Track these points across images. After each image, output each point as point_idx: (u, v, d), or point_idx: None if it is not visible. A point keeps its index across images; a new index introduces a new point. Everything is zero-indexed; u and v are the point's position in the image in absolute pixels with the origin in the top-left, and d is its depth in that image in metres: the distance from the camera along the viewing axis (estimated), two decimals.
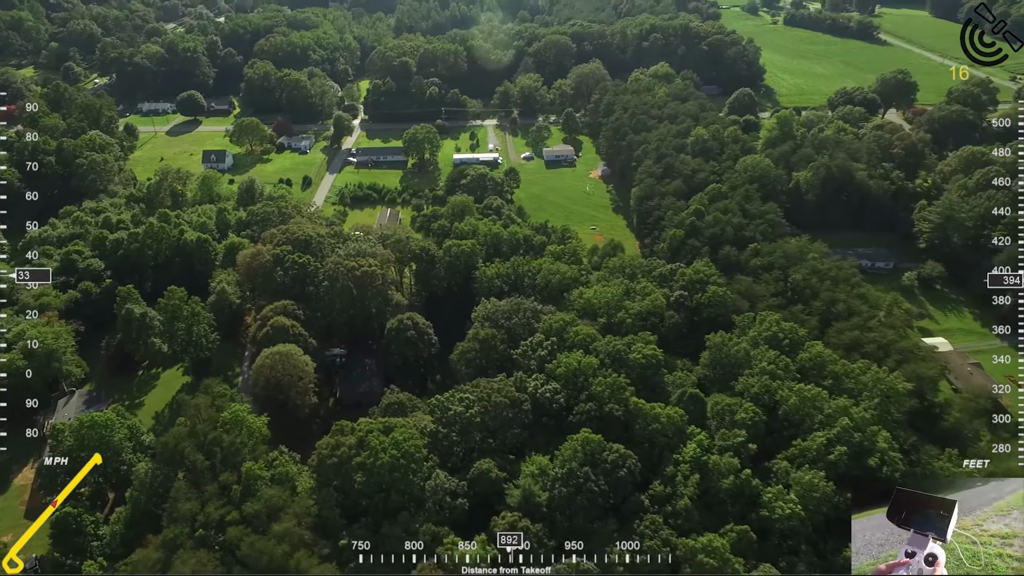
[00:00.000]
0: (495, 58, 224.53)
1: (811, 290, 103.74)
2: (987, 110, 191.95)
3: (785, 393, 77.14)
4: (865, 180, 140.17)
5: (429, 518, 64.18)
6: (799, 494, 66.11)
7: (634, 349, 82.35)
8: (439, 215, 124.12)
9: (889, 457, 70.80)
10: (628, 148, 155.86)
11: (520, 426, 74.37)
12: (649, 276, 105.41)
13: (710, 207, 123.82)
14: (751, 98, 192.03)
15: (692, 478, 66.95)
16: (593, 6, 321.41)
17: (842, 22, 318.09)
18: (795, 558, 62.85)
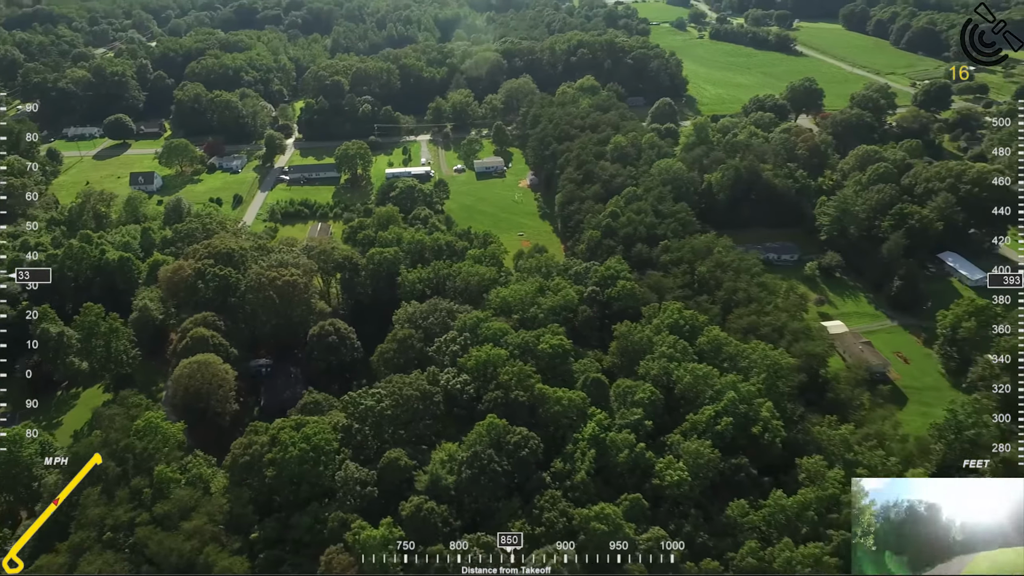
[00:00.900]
0: (428, 75, 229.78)
1: (715, 281, 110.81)
2: (886, 113, 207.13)
3: (680, 373, 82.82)
4: (771, 179, 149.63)
5: (340, 507, 66.73)
6: (687, 462, 71.34)
7: (542, 340, 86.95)
8: (365, 225, 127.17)
9: (772, 425, 76.95)
10: (552, 157, 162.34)
11: (432, 417, 77.82)
12: (564, 274, 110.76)
13: (625, 209, 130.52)
14: (671, 107, 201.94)
15: (589, 454, 71.46)
16: (527, 24, 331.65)
17: (762, 35, 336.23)
18: (683, 520, 67.72)
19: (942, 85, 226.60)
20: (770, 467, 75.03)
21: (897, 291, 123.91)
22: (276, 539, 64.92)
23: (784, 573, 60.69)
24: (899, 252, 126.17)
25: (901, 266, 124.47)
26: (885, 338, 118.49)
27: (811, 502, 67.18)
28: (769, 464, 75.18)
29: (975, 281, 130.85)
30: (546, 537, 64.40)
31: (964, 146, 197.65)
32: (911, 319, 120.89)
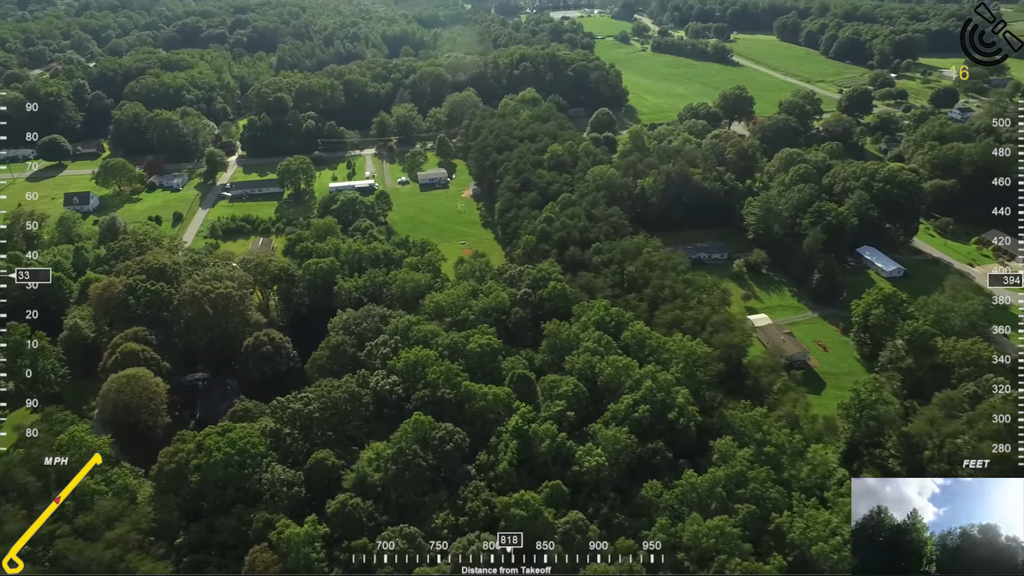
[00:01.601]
0: (373, 90, 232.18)
1: (643, 279, 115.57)
2: (813, 118, 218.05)
3: (603, 366, 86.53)
4: (701, 182, 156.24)
5: (266, 508, 67.84)
6: (605, 449, 74.74)
7: (472, 341, 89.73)
8: (304, 238, 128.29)
9: (688, 411, 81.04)
10: (493, 167, 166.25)
11: (360, 418, 79.61)
12: (499, 278, 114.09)
13: (560, 214, 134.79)
14: (610, 116, 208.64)
15: (512, 445, 74.26)
16: (474, 40, 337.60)
17: (701, 47, 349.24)
18: (601, 503, 70.92)
19: (864, 91, 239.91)
20: (686, 450, 78.91)
21: (817, 284, 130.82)
22: (201, 543, 65.63)
23: (692, 545, 64.26)
24: (818, 247, 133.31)
25: (820, 260, 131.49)
26: (807, 328, 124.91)
27: (720, 479, 71.18)
28: (685, 447, 79.09)
29: (889, 272, 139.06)
30: (469, 526, 66.68)
31: (884, 147, 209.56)
32: (830, 310, 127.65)
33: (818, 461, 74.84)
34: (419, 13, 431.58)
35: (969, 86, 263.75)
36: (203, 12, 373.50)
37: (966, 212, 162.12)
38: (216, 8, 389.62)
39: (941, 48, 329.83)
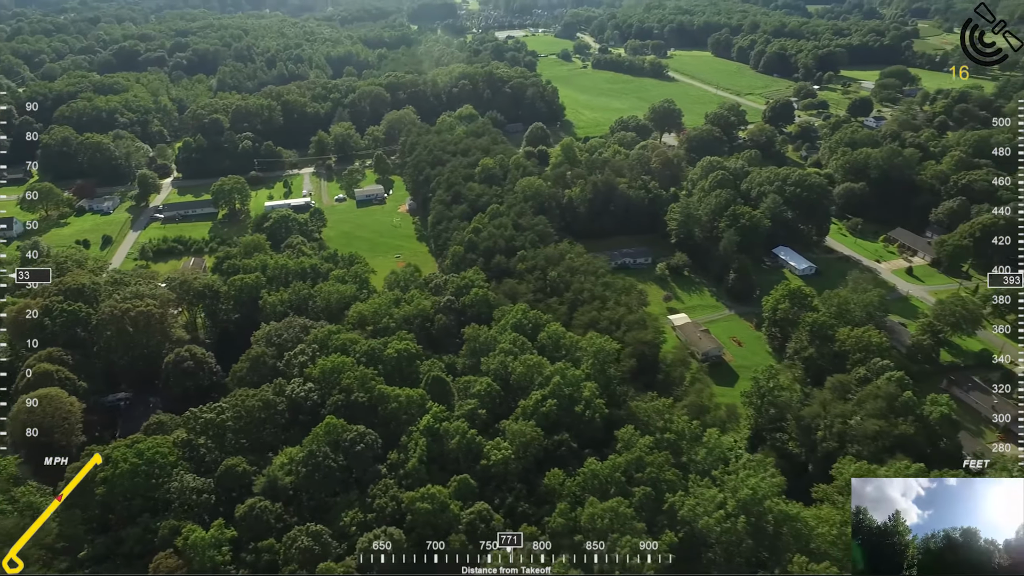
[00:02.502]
0: (312, 110, 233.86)
1: (564, 284, 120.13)
2: (737, 129, 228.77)
3: (515, 365, 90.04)
4: (626, 191, 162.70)
5: (175, 516, 68.66)
6: (512, 442, 77.96)
7: (389, 346, 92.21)
8: (231, 255, 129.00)
9: (594, 404, 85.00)
10: (426, 182, 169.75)
11: (275, 425, 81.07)
12: (424, 287, 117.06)
13: (488, 224, 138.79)
14: (544, 131, 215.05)
15: (421, 443, 76.78)
16: (416, 59, 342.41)
17: (638, 64, 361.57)
18: (508, 494, 73.95)
19: (786, 102, 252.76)
20: (593, 440, 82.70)
21: (733, 283, 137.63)
22: (106, 554, 66.01)
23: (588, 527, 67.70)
24: (733, 249, 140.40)
25: (735, 261, 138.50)
26: (724, 325, 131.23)
27: (620, 465, 75.05)
28: (592, 438, 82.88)
29: (802, 270, 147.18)
30: (376, 521, 68.79)
31: (804, 154, 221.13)
32: (745, 307, 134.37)
33: (713, 444, 79.43)
34: (364, 34, 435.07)
35: (883, 96, 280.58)
36: (142, 36, 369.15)
37: (875, 212, 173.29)
38: (156, 32, 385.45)
39: (860, 61, 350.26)
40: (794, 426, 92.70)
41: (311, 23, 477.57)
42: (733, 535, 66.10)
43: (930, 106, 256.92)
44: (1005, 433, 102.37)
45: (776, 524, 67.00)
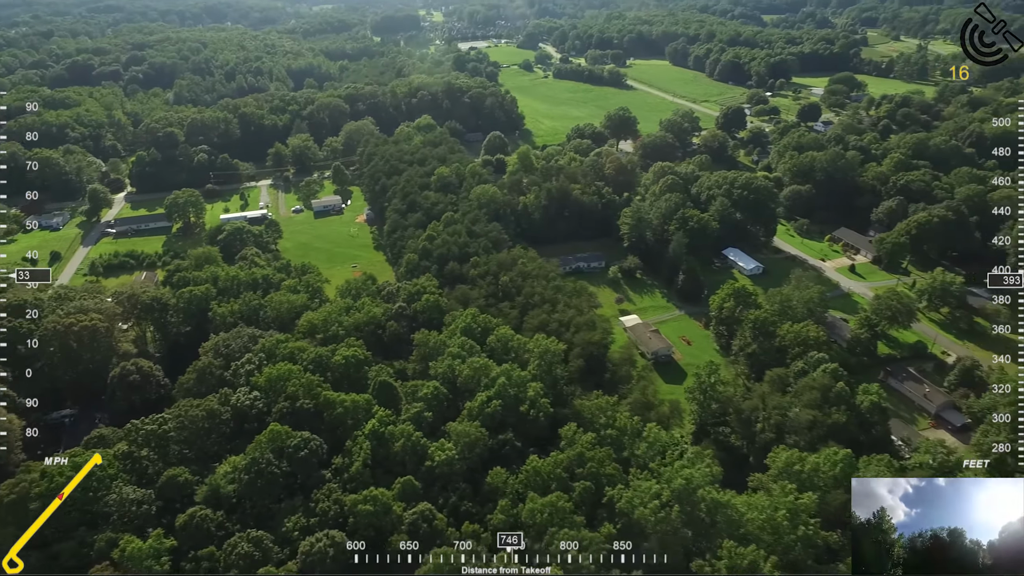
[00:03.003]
0: (270, 122, 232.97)
1: (516, 288, 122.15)
2: (691, 135, 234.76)
3: (461, 368, 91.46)
4: (580, 197, 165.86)
5: (113, 528, 68.24)
6: (456, 443, 79.23)
7: (337, 353, 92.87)
8: (182, 268, 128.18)
9: (539, 403, 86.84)
10: (383, 191, 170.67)
11: (220, 435, 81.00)
12: (377, 295, 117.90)
13: (442, 232, 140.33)
14: (502, 140, 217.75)
15: (365, 446, 77.62)
16: (378, 71, 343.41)
17: (598, 73, 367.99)
18: (452, 494, 75.13)
19: (738, 109, 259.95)
20: (538, 439, 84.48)
21: (682, 284, 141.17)
22: (41, 569, 65.26)
23: (528, 522, 69.21)
24: (682, 251, 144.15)
25: (684, 262, 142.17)
26: (674, 325, 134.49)
27: (561, 462, 76.89)
28: (537, 436, 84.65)
29: (750, 270, 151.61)
30: (319, 525, 69.32)
31: (756, 159, 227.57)
32: (695, 307, 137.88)
33: (653, 439, 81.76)
34: (326, 47, 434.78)
35: (831, 101, 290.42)
36: (96, 50, 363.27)
37: (821, 213, 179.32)
38: (112, 45, 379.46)
39: (811, 68, 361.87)
40: (735, 419, 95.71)
41: (272, 36, 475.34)
42: (668, 524, 68.27)
43: (875, 111, 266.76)
44: (936, 420, 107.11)
45: (708, 512, 69.39)
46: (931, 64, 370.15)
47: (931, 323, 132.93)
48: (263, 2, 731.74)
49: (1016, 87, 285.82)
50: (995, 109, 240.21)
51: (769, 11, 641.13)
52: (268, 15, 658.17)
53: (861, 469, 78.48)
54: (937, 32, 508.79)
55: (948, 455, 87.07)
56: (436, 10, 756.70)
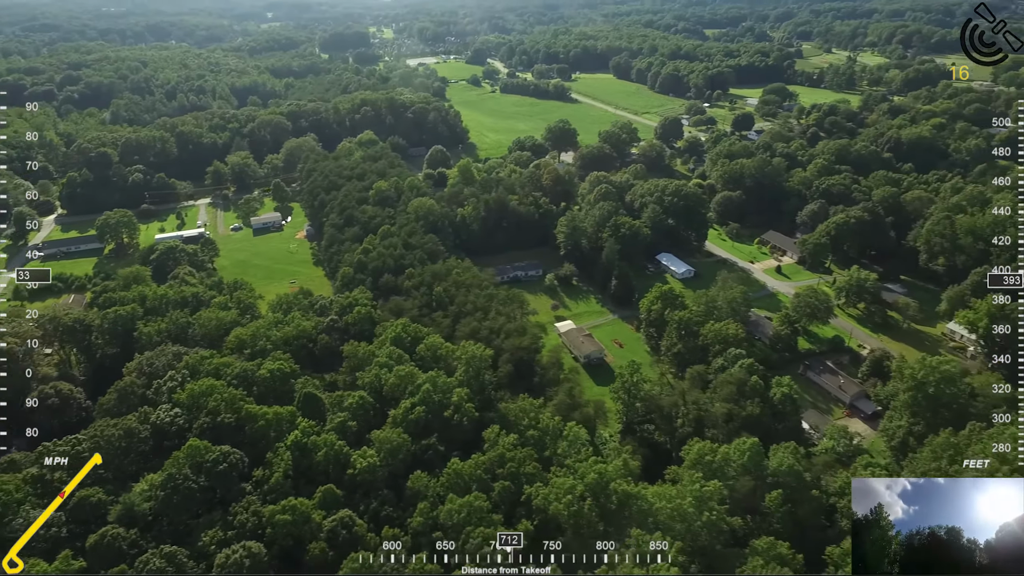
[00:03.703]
0: (209, 140, 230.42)
1: (450, 298, 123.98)
2: (629, 146, 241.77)
3: (387, 376, 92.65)
4: (517, 208, 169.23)
5: (22, 552, 66.85)
6: (379, 450, 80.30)
7: (263, 367, 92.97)
8: (108, 288, 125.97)
9: (464, 408, 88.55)
10: (322, 206, 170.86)
11: (137, 453, 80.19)
12: (310, 309, 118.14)
13: (378, 245, 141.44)
14: (444, 153, 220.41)
15: (285, 457, 78.02)
16: (323, 88, 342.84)
17: (543, 87, 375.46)
18: (373, 500, 76.06)
19: (675, 119, 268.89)
20: (464, 442, 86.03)
21: (615, 289, 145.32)
22: None
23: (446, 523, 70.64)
24: (614, 257, 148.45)
25: (616, 268, 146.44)
26: (607, 329, 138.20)
27: (482, 464, 78.64)
28: (463, 440, 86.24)
29: (681, 274, 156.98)
30: (236, 537, 69.35)
31: (692, 167, 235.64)
32: (628, 311, 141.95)
33: (573, 437, 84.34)
34: (272, 64, 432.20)
35: (765, 111, 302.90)
36: (29, 69, 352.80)
37: (751, 217, 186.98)
38: (46, 65, 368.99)
39: (748, 80, 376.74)
40: (658, 416, 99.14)
41: (217, 54, 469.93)
42: (581, 517, 70.63)
43: (805, 119, 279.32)
44: (851, 409, 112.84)
45: (620, 503, 72.04)
46: (858, 75, 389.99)
47: (849, 318, 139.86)
48: (209, 20, 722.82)
49: (932, 95, 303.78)
50: (912, 117, 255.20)
51: (711, 26, 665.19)
52: (214, 33, 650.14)
53: (770, 456, 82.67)
54: (865, 44, 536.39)
55: (851, 440, 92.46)
56: (387, 27, 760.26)
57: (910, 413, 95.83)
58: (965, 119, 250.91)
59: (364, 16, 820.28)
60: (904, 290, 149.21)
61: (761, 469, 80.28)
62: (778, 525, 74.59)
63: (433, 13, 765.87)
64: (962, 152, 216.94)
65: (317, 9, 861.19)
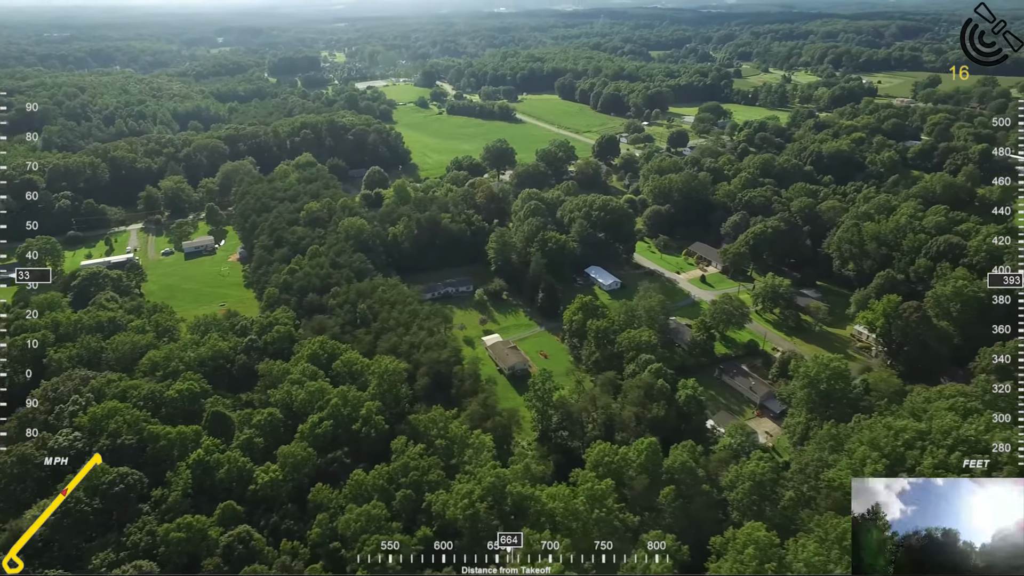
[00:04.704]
0: (143, 165, 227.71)
1: (373, 315, 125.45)
2: (566, 164, 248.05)
3: (297, 392, 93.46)
4: (449, 226, 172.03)
5: None
6: (283, 464, 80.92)
7: (171, 388, 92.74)
8: (20, 316, 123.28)
9: (373, 420, 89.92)
10: (253, 228, 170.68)
11: (33, 479, 79.00)
12: (230, 330, 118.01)
13: (305, 265, 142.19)
14: (382, 174, 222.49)
15: (185, 475, 78.01)
16: (267, 112, 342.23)
17: (489, 108, 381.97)
18: (274, 514, 76.54)
19: (611, 137, 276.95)
20: (372, 454, 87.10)
21: (542, 302, 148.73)
22: None
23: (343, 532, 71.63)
24: (541, 270, 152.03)
25: (543, 282, 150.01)
26: (534, 341, 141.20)
27: (384, 474, 79.95)
28: (371, 451, 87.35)
29: (608, 286, 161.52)
30: (128, 558, 68.98)
31: (628, 183, 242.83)
32: (554, 323, 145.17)
33: (477, 445, 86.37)
34: (218, 88, 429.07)
35: (700, 128, 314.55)
36: None
37: (680, 230, 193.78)
38: None
39: (688, 99, 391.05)
40: (568, 422, 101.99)
41: (161, 79, 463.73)
42: (477, 520, 72.49)
43: (737, 135, 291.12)
44: (761, 409, 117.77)
45: (515, 505, 74.21)
46: (790, 93, 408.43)
47: (765, 323, 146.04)
48: (157, 46, 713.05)
49: (855, 111, 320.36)
50: (835, 132, 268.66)
51: (657, 47, 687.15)
52: (161, 59, 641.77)
53: (670, 455, 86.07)
54: (800, 64, 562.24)
55: (747, 436, 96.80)
56: (339, 51, 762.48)
57: (807, 409, 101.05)
58: (883, 133, 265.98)
59: (317, 40, 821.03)
60: (818, 295, 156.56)
61: (658, 467, 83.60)
62: (670, 520, 77.77)
63: (386, 37, 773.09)
64: (877, 164, 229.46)
65: (269, 34, 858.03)
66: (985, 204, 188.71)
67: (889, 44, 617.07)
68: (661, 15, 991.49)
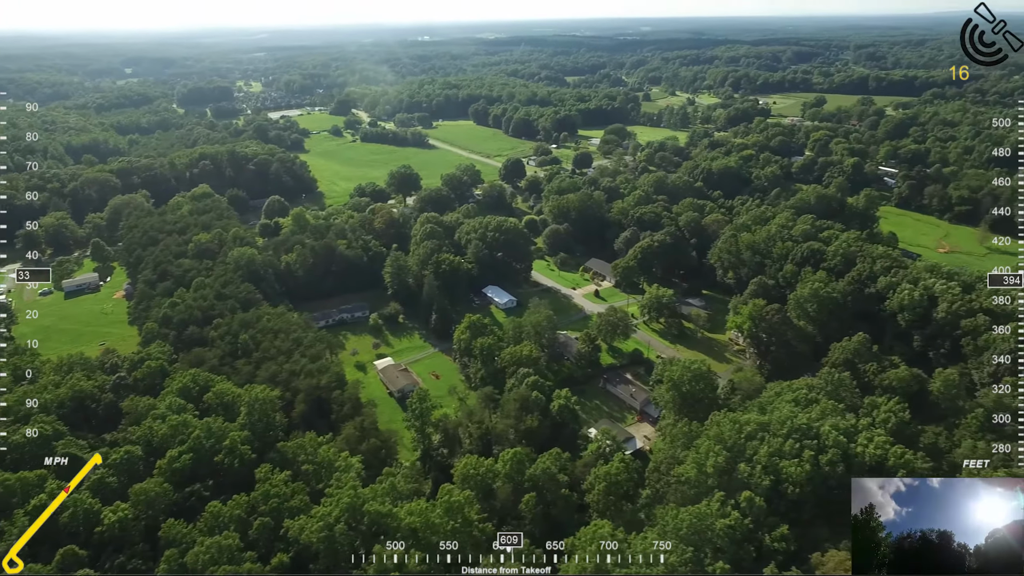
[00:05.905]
0: (21, 203, 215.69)
1: (255, 344, 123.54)
2: (472, 187, 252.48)
3: (158, 427, 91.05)
4: (345, 252, 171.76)
5: None
6: (134, 502, 78.53)
7: (17, 433, 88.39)
8: None
9: (238, 450, 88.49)
10: (138, 262, 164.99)
11: None
12: (99, 368, 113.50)
13: (187, 297, 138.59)
14: (282, 204, 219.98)
15: (22, 523, 74.41)
16: (169, 143, 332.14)
17: (402, 135, 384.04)
18: (122, 555, 74.05)
19: (517, 160, 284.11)
20: (238, 483, 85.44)
21: (435, 324, 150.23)
22: None
23: (191, 565, 70.12)
24: (434, 292, 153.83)
25: (436, 303, 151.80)
26: (427, 363, 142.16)
27: (244, 503, 78.82)
28: (236, 481, 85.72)
29: (504, 304, 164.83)
30: None
31: (532, 204, 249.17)
32: (447, 344, 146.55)
33: (344, 468, 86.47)
34: (119, 120, 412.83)
35: (605, 149, 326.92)
36: None
37: (579, 247, 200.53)
38: None
39: (597, 122, 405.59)
40: (445, 439, 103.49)
41: (57, 112, 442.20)
42: (332, 541, 72.54)
43: (639, 155, 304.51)
44: (641, 414, 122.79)
45: (372, 524, 74.72)
46: (691, 114, 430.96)
47: (652, 332, 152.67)
48: (57, 77, 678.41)
49: (748, 130, 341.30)
50: (728, 149, 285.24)
51: (573, 73, 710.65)
52: (61, 91, 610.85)
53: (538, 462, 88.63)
54: (704, 87, 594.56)
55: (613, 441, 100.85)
56: (256, 81, 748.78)
57: (675, 411, 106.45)
58: (770, 150, 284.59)
59: (233, 70, 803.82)
60: (702, 303, 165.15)
61: (522, 476, 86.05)
62: (530, 526, 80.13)
63: (305, 67, 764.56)
64: (761, 179, 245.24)
65: (183, 64, 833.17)
66: (852, 213, 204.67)
67: (785, 68, 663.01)
68: (579, 43, 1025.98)
